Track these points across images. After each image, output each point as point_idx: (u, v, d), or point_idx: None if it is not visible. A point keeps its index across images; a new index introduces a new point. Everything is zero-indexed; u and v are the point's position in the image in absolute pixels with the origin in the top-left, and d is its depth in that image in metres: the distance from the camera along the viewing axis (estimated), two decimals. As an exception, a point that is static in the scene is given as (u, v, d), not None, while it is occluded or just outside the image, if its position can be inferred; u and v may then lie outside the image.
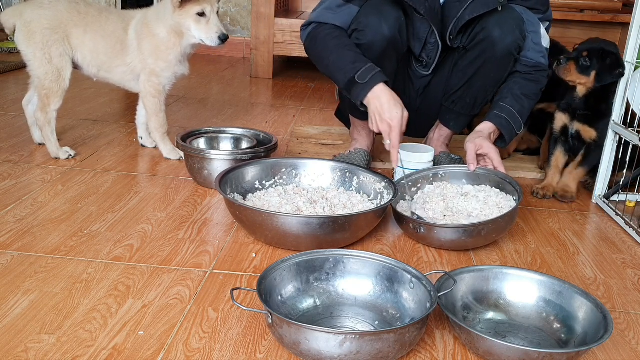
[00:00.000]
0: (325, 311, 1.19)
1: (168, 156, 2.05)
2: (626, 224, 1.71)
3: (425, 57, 1.89)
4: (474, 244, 1.49)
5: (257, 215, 1.41)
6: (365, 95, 1.65)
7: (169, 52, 1.93)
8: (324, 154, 2.13)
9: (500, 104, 1.77)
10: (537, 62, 1.80)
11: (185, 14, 1.86)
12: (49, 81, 1.93)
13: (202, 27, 1.88)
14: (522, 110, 1.77)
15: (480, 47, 1.77)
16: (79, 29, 1.94)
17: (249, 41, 3.87)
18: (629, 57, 1.75)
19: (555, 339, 1.15)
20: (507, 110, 1.76)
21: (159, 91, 1.98)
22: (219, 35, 1.88)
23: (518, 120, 1.76)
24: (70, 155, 2.00)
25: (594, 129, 1.87)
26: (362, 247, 1.50)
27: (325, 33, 1.76)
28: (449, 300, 1.17)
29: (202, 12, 1.86)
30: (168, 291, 1.25)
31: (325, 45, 1.75)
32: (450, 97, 1.90)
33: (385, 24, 1.72)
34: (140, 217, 1.60)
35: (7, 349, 1.04)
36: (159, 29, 1.91)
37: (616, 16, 3.19)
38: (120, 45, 1.96)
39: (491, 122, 1.76)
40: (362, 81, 1.65)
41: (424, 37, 1.83)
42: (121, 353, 1.05)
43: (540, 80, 1.82)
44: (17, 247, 1.40)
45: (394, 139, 1.63)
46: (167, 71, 1.96)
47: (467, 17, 1.74)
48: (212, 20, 1.87)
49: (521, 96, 1.78)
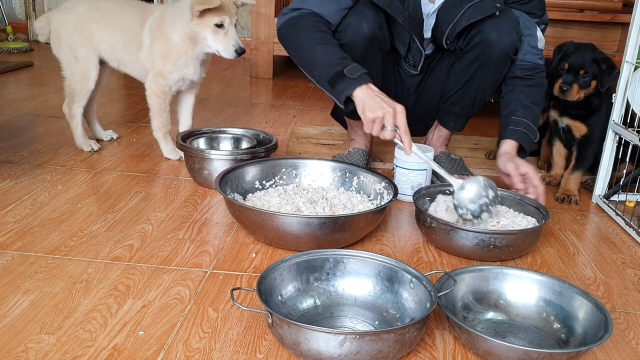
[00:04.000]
0: (325, 311, 1.19)
1: (168, 156, 2.05)
2: (626, 224, 1.71)
3: (411, 59, 1.90)
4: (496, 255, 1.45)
5: (257, 215, 1.41)
6: (353, 90, 1.54)
7: (180, 57, 1.90)
8: (324, 154, 2.13)
9: (514, 118, 1.76)
10: (534, 63, 1.81)
11: (203, 24, 1.82)
12: (74, 82, 2.02)
13: (219, 38, 1.84)
14: (535, 119, 1.79)
15: (477, 50, 1.77)
16: (99, 25, 1.98)
17: (249, 41, 3.87)
18: (629, 57, 1.75)
19: (555, 339, 1.16)
20: (522, 122, 1.76)
21: (164, 92, 1.96)
22: (236, 49, 1.84)
23: (533, 129, 1.77)
24: (92, 149, 2.08)
25: (584, 125, 1.88)
26: (362, 247, 1.50)
27: (312, 23, 1.67)
28: (449, 300, 1.17)
29: (221, 23, 1.82)
30: (168, 291, 1.25)
31: (310, 35, 1.66)
32: (449, 99, 1.90)
33: (364, 22, 1.71)
34: (140, 217, 1.60)
35: (7, 349, 1.04)
36: (174, 34, 1.88)
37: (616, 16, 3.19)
38: (136, 41, 1.96)
39: (511, 139, 1.75)
40: (352, 76, 1.56)
41: (407, 42, 1.84)
42: (121, 353, 1.05)
43: (542, 84, 1.83)
44: (17, 247, 1.40)
45: (402, 123, 1.49)
46: (174, 74, 1.94)
47: (465, 22, 1.73)
48: (230, 32, 1.84)
49: (530, 105, 1.78)
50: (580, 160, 1.90)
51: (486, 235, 1.41)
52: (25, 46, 3.89)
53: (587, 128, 1.89)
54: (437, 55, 1.93)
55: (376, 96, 1.52)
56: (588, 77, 1.83)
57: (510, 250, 1.45)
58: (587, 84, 1.84)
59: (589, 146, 1.89)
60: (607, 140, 1.84)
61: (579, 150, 1.91)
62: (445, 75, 1.92)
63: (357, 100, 1.55)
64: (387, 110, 1.49)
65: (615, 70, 1.81)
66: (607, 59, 1.83)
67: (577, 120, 1.90)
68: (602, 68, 1.81)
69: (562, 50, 1.89)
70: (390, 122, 1.49)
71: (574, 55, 1.85)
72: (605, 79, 1.82)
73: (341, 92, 1.57)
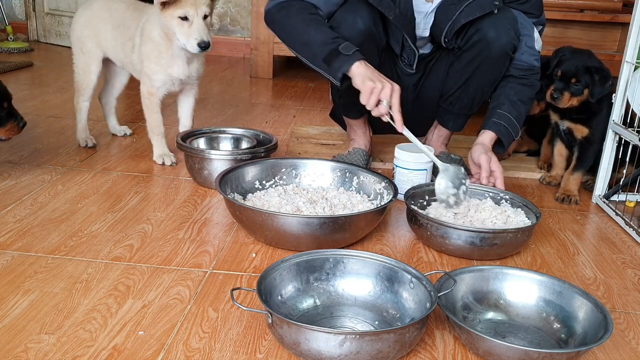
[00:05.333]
0: (325, 311, 1.19)
1: (155, 159, 2.02)
2: (626, 224, 1.71)
3: (406, 58, 1.90)
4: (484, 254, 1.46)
5: (257, 215, 1.41)
6: (349, 67, 1.56)
7: (161, 55, 1.88)
8: (324, 154, 2.13)
9: (498, 111, 1.79)
10: (530, 64, 1.82)
11: (169, 16, 1.78)
12: (78, 74, 2.10)
13: (184, 30, 1.78)
14: (519, 116, 1.81)
15: (476, 49, 1.77)
16: (107, 25, 2.02)
17: (249, 41, 3.87)
18: (629, 57, 1.75)
19: (555, 339, 1.16)
20: (505, 117, 1.78)
21: (151, 93, 1.94)
22: (198, 42, 1.77)
23: (516, 126, 1.80)
24: (87, 144, 2.12)
25: (586, 127, 1.88)
26: (362, 247, 1.50)
27: (302, 6, 1.67)
28: (449, 300, 1.17)
29: (185, 16, 1.77)
30: (168, 291, 1.25)
31: (301, 17, 1.66)
32: (448, 98, 1.90)
33: (359, 19, 1.71)
34: (140, 217, 1.60)
35: (7, 349, 1.04)
36: (154, 32, 1.87)
37: (616, 16, 3.19)
38: (131, 43, 1.96)
39: (491, 130, 1.78)
40: (347, 52, 1.57)
41: (400, 40, 1.84)
42: (121, 353, 1.05)
43: (534, 84, 1.84)
44: (17, 247, 1.40)
45: (396, 101, 1.53)
46: (158, 74, 1.90)
47: (463, 20, 1.74)
48: (195, 25, 1.78)
49: (517, 102, 1.81)
50: (581, 161, 1.90)
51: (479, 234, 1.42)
52: (25, 46, 3.89)
53: (589, 130, 1.88)
54: (436, 55, 1.93)
55: (375, 70, 1.57)
56: (580, 86, 1.82)
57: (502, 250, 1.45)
58: (579, 92, 1.83)
59: (590, 147, 1.89)
60: (607, 140, 1.84)
61: (580, 151, 1.91)
62: (444, 75, 1.92)
63: (355, 74, 1.56)
64: (386, 83, 1.53)
65: (609, 82, 1.80)
66: (601, 69, 1.82)
67: (578, 124, 1.90)
68: (594, 78, 1.80)
69: (558, 56, 1.89)
70: (387, 95, 1.52)
71: (569, 62, 1.84)
72: (597, 90, 1.81)
73: (337, 70, 1.58)
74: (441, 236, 1.45)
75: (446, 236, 1.44)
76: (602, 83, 1.81)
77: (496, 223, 1.52)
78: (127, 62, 2.02)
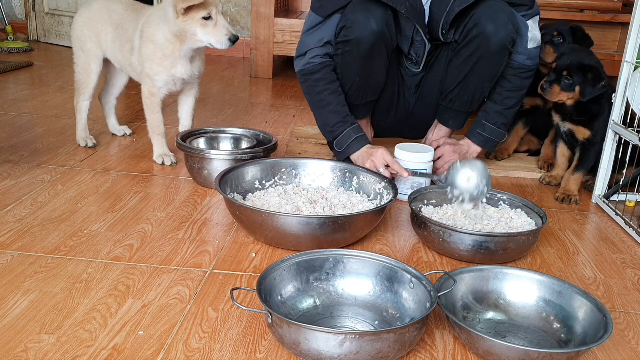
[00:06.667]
0: (325, 311, 1.19)
1: (155, 159, 2.02)
2: (626, 224, 1.71)
3: (414, 55, 1.90)
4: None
5: (257, 215, 1.41)
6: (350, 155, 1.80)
7: (166, 58, 1.88)
8: (324, 154, 2.13)
9: (484, 122, 1.90)
10: (520, 64, 1.84)
11: (190, 20, 1.78)
12: (79, 73, 2.10)
13: (209, 30, 1.79)
14: (506, 121, 1.92)
15: (474, 44, 1.77)
16: (108, 26, 2.03)
17: (249, 41, 3.87)
18: (629, 57, 1.75)
19: (555, 339, 1.16)
20: (490, 129, 1.90)
21: (152, 93, 1.94)
22: (229, 37, 1.80)
23: (500, 132, 1.91)
24: (87, 144, 2.12)
25: (587, 129, 1.88)
26: (362, 247, 1.50)
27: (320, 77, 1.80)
28: (449, 300, 1.17)
29: (209, 15, 1.78)
30: (168, 291, 1.25)
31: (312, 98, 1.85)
32: (448, 95, 1.90)
33: (372, 19, 1.72)
34: (140, 217, 1.60)
35: (7, 349, 1.04)
36: (158, 35, 1.86)
37: (616, 16, 3.19)
38: (130, 45, 1.96)
39: (476, 144, 1.93)
40: (340, 149, 1.81)
41: (411, 35, 1.84)
42: (121, 353, 1.05)
43: (524, 86, 1.88)
44: (17, 247, 1.40)
45: (389, 159, 1.69)
46: (161, 75, 1.90)
47: (457, 8, 1.74)
48: (220, 22, 1.80)
49: (502, 111, 1.89)
50: (582, 162, 1.90)
51: (482, 238, 1.41)
52: (25, 46, 3.89)
53: (591, 132, 1.87)
54: (435, 53, 1.92)
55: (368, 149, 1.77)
56: (571, 81, 1.81)
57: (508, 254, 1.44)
58: (570, 88, 1.82)
59: (591, 148, 1.88)
60: (607, 140, 1.83)
61: (581, 152, 1.90)
62: (444, 73, 1.92)
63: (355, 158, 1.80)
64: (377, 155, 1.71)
65: (601, 83, 1.78)
66: (595, 69, 1.80)
67: (580, 126, 1.89)
68: (587, 77, 1.80)
69: (560, 52, 1.90)
70: (382, 162, 1.69)
71: (565, 57, 1.85)
72: (588, 90, 1.80)
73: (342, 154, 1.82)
74: (454, 242, 1.42)
75: (460, 242, 1.41)
76: (594, 83, 1.79)
77: (499, 226, 1.51)
78: (125, 64, 2.02)
